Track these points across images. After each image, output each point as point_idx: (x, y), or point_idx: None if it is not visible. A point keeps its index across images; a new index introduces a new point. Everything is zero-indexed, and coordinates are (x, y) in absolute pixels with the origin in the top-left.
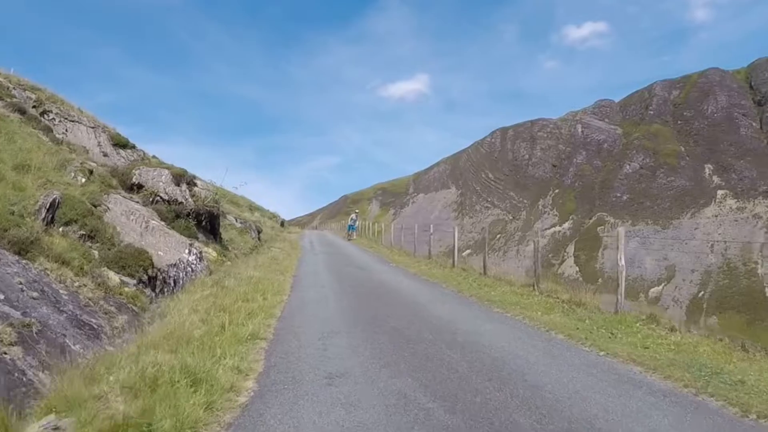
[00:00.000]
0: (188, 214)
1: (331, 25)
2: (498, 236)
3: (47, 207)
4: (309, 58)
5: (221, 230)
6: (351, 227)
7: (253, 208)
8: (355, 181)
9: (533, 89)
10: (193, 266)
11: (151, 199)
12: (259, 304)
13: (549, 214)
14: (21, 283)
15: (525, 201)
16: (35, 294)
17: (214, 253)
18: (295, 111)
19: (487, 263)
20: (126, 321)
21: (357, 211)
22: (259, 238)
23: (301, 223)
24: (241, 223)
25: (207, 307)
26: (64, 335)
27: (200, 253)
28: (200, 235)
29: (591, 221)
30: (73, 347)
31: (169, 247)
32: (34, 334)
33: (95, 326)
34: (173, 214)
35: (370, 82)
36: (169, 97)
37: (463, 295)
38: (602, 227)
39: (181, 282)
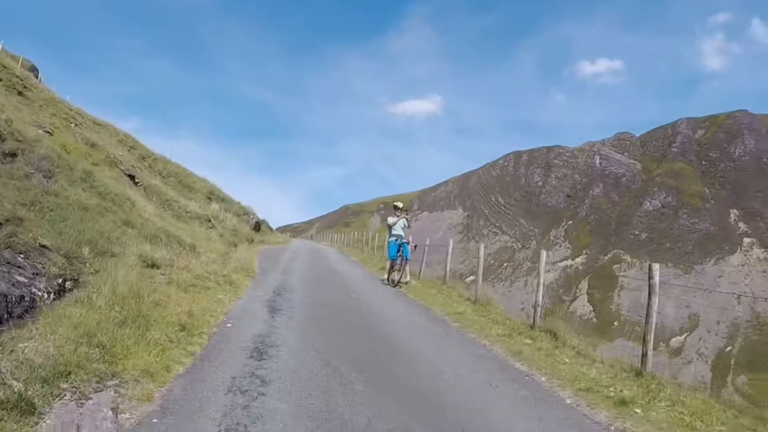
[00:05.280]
0: None
1: (350, 40)
2: (505, 264)
3: None
4: (324, 69)
5: None
6: (401, 247)
7: (214, 196)
8: (357, 193)
9: (545, 120)
10: None
11: None
12: None
13: (561, 246)
14: None
15: (536, 230)
16: None
17: None
18: (304, 119)
19: None
20: None
21: (400, 205)
22: (64, 288)
23: (298, 230)
24: None
25: None
26: None
27: None
28: None
29: (606, 258)
30: None
31: None
32: None
33: None
34: None
35: (381, 97)
36: (180, 92)
37: None
38: (618, 266)
39: None
